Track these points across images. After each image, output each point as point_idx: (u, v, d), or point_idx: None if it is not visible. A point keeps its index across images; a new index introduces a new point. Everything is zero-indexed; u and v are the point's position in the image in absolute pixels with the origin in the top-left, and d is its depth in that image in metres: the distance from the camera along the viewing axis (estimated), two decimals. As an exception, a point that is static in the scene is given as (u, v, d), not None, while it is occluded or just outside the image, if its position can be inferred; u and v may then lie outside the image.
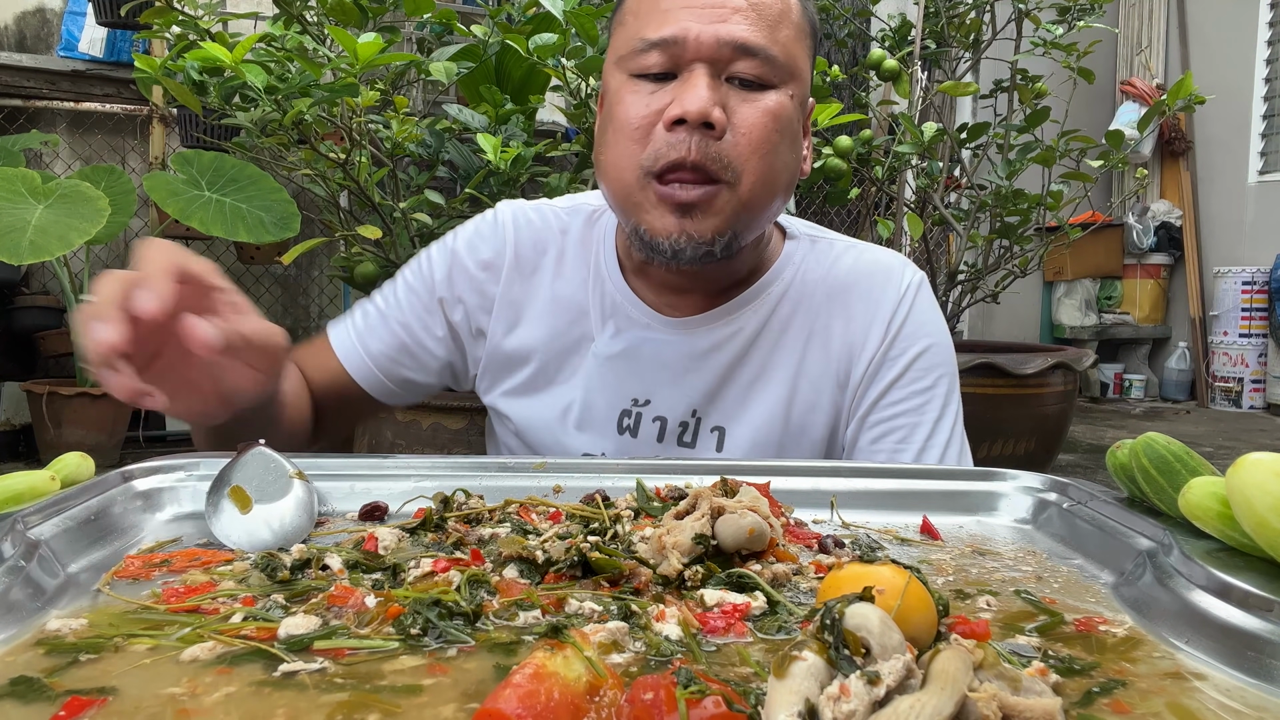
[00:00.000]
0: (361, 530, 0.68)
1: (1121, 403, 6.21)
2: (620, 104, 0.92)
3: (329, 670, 0.44)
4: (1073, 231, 3.26)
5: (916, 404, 1.01)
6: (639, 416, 1.03)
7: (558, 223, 1.09)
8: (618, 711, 0.38)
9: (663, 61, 0.89)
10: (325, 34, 2.26)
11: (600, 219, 1.08)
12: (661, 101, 0.89)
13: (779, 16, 0.91)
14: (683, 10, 0.89)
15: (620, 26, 0.96)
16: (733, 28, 0.88)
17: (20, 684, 0.42)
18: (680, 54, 0.89)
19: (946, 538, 0.71)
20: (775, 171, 0.92)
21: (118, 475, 0.73)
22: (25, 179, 3.26)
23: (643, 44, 0.90)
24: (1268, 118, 5.90)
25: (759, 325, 1.02)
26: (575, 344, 1.05)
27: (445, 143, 2.52)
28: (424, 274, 1.09)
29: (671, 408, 1.02)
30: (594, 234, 1.08)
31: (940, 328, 1.06)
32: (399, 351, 1.08)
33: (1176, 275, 6.44)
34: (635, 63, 0.91)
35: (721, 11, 0.89)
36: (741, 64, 0.89)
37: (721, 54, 0.88)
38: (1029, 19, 3.08)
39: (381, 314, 1.09)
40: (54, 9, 4.49)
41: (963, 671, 0.36)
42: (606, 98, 0.96)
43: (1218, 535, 0.57)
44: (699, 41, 0.88)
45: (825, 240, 1.09)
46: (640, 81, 0.91)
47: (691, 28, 0.88)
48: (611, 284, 1.04)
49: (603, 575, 0.57)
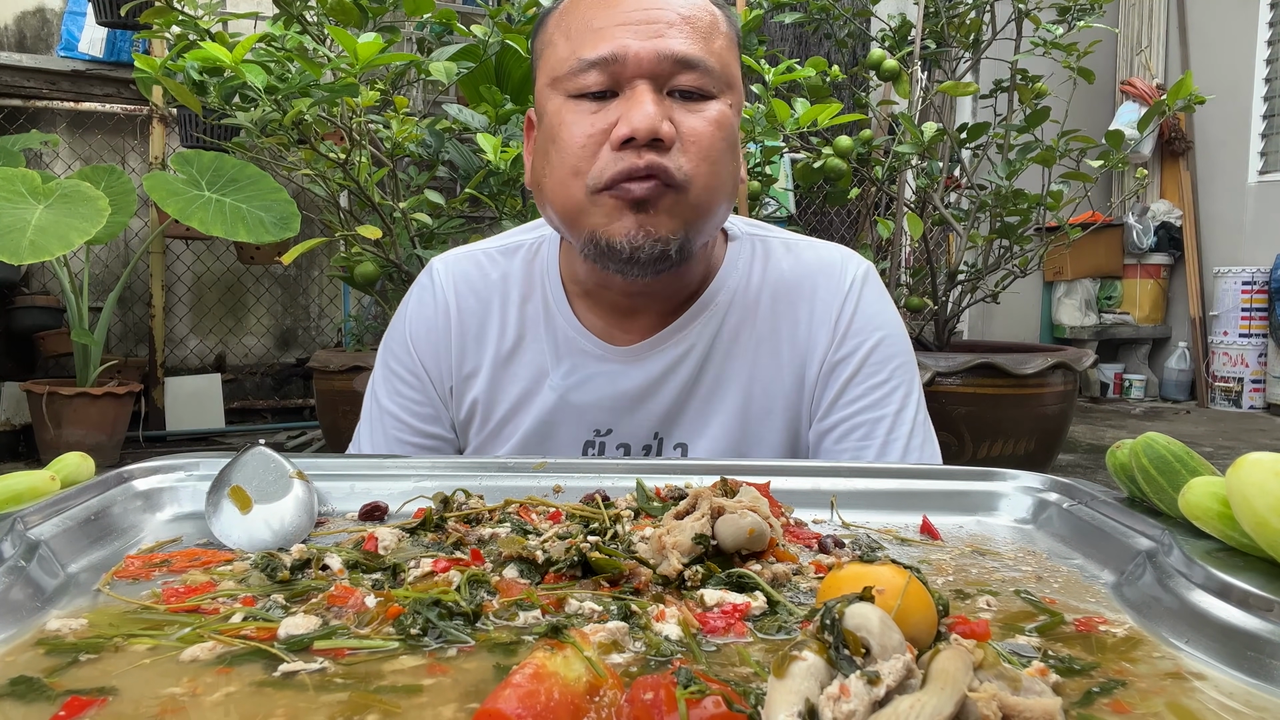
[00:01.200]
0: (361, 530, 0.68)
1: (1121, 403, 6.21)
2: (562, 125, 0.90)
3: (329, 670, 0.44)
4: (1073, 231, 3.26)
5: (875, 399, 1.01)
6: (602, 445, 1.03)
7: (495, 270, 1.08)
8: (618, 711, 0.38)
9: (602, 80, 0.89)
10: (325, 34, 2.26)
11: (540, 251, 1.07)
12: (606, 121, 0.88)
13: (710, 28, 0.92)
14: (618, 28, 0.88)
15: (549, 47, 0.94)
16: (670, 42, 0.88)
17: (20, 684, 0.42)
18: (620, 72, 0.88)
19: (946, 538, 0.71)
20: (721, 178, 0.92)
21: (118, 475, 0.73)
22: (25, 179, 3.26)
23: (580, 64, 0.89)
24: (1268, 118, 5.90)
25: (710, 339, 1.02)
26: (533, 384, 1.04)
27: (445, 143, 2.52)
28: (397, 371, 1.09)
29: (633, 433, 1.03)
30: (535, 270, 1.06)
31: (891, 317, 1.05)
32: (418, 455, 1.07)
33: (1176, 275, 6.44)
34: (573, 83, 0.90)
35: (657, 27, 0.88)
36: (682, 77, 0.89)
37: (662, 68, 0.88)
38: (1029, 19, 3.08)
39: (384, 433, 1.09)
40: (54, 9, 4.49)
41: (963, 671, 0.36)
42: (544, 120, 0.95)
43: (1218, 535, 0.57)
44: (639, 58, 0.88)
45: (767, 240, 1.08)
46: (580, 101, 0.90)
47: (630, 45, 0.87)
48: (561, 318, 1.03)
49: (603, 575, 0.57)
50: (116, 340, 4.53)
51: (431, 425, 1.08)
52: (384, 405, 1.09)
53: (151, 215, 4.32)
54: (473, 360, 1.06)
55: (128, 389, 3.80)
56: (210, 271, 4.69)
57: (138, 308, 4.55)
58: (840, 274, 1.05)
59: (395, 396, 1.09)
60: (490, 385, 1.05)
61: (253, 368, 4.85)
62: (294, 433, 4.49)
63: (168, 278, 4.53)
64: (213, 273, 4.71)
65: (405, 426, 1.08)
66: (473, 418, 1.07)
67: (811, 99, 2.72)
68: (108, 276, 4.43)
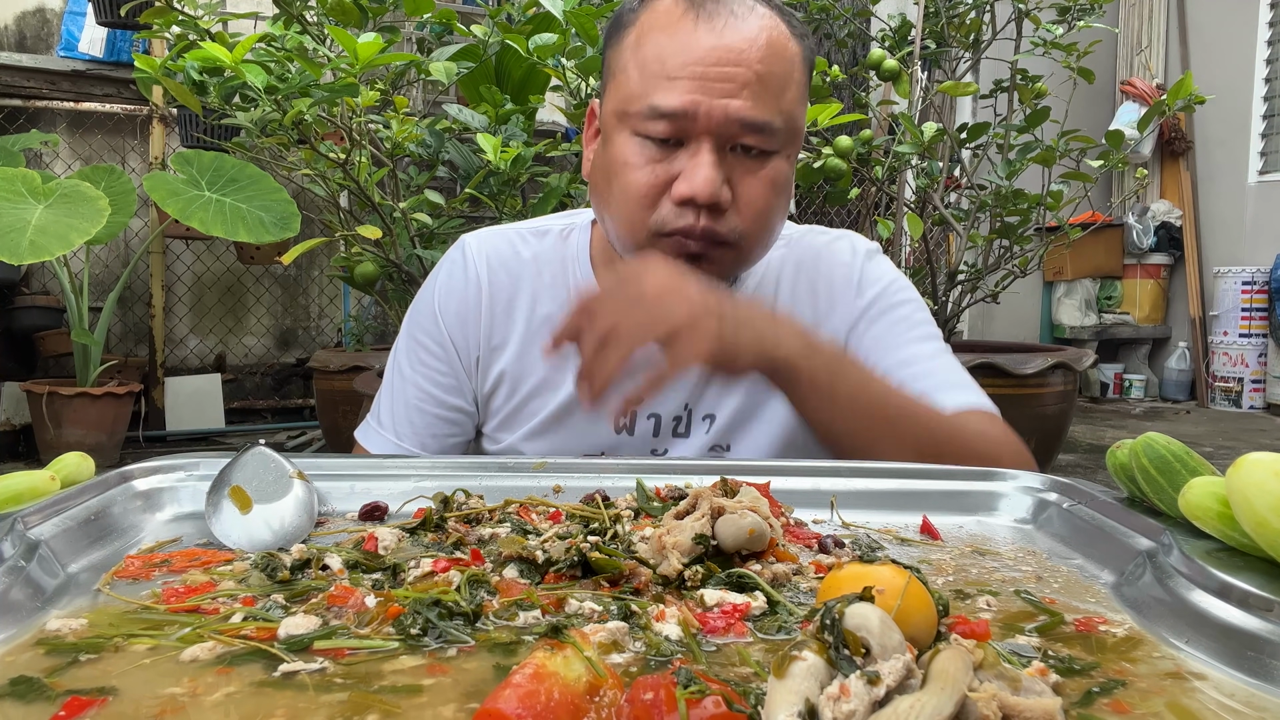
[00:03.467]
0: (361, 530, 0.68)
1: (1121, 403, 6.21)
2: (626, 165, 0.93)
3: (329, 670, 0.44)
4: (1073, 231, 3.26)
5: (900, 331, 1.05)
6: (634, 415, 1.05)
7: (527, 249, 1.10)
8: (618, 711, 0.38)
9: (669, 130, 0.90)
10: (325, 34, 2.25)
11: (571, 236, 1.10)
12: (668, 172, 0.91)
13: (784, 80, 0.92)
14: (692, 81, 0.89)
15: (622, 73, 0.95)
16: (741, 104, 0.89)
17: (20, 684, 0.42)
18: (689, 127, 0.90)
19: (946, 538, 0.71)
20: (772, 230, 0.98)
21: (118, 475, 0.73)
22: (25, 179, 3.26)
23: (650, 111, 0.90)
24: (1268, 118, 5.90)
25: None
26: (560, 364, 1.05)
27: (445, 143, 2.51)
28: (422, 341, 1.10)
29: (664, 405, 1.05)
30: (567, 252, 1.09)
31: (897, 274, 1.10)
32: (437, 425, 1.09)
33: (1176, 275, 6.44)
34: (640, 126, 0.92)
35: (730, 87, 0.89)
36: (748, 138, 0.91)
37: (729, 130, 0.90)
38: (1029, 19, 3.08)
39: (405, 402, 1.10)
40: (54, 9, 4.49)
41: (963, 671, 0.36)
42: (608, 141, 0.97)
43: (1218, 535, 0.57)
44: (709, 117, 0.89)
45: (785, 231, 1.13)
46: (645, 144, 0.92)
47: (702, 102, 0.88)
48: None
49: (602, 575, 0.57)
50: (116, 340, 4.53)
51: (454, 397, 1.09)
52: (406, 375, 1.10)
53: (151, 215, 4.32)
54: (501, 333, 1.07)
55: (128, 389, 3.80)
56: (210, 271, 4.69)
57: (138, 308, 4.56)
58: (851, 245, 1.11)
59: (419, 366, 1.09)
60: (519, 358, 1.07)
61: (253, 368, 4.85)
62: (294, 433, 4.49)
63: (168, 278, 4.53)
64: (213, 273, 4.71)
65: (427, 397, 1.09)
66: (498, 389, 1.08)
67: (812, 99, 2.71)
68: (108, 276, 4.43)
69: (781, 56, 0.92)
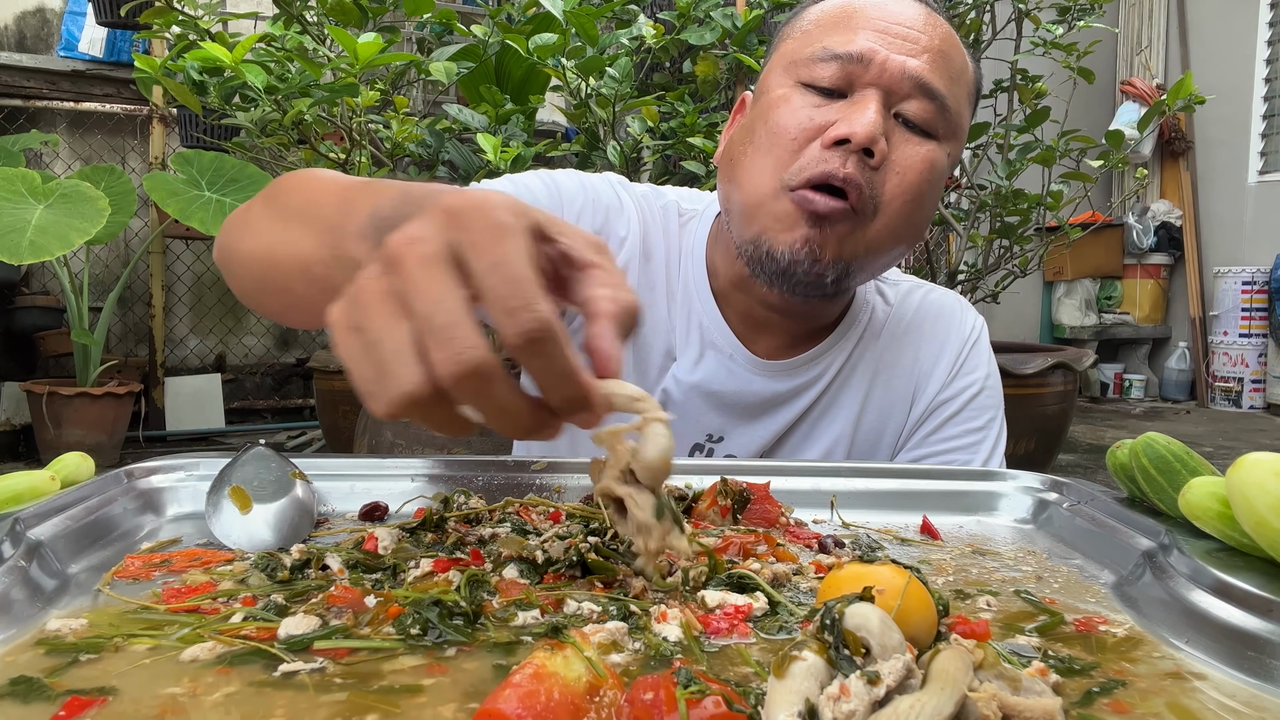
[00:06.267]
0: (361, 530, 0.68)
1: (1121, 403, 6.21)
2: (783, 109, 0.88)
3: (329, 670, 0.44)
4: (1073, 231, 3.26)
5: (969, 442, 1.01)
6: (710, 452, 1.01)
7: (662, 213, 1.04)
8: (618, 711, 0.38)
9: (838, 77, 0.86)
10: (325, 34, 2.25)
11: (690, 225, 1.04)
12: (826, 117, 0.86)
13: (959, 72, 0.90)
14: (875, 33, 0.87)
15: (799, 35, 0.92)
16: (920, 64, 0.86)
17: (20, 684, 0.42)
18: (859, 74, 0.86)
19: (946, 538, 0.71)
20: (911, 220, 0.89)
21: (118, 475, 0.73)
22: (25, 179, 3.26)
23: (825, 53, 0.87)
24: (1268, 118, 5.90)
25: (838, 370, 1.01)
26: (660, 357, 1.01)
27: (445, 143, 2.51)
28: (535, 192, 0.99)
29: (744, 446, 1.01)
30: (684, 241, 1.03)
31: (995, 371, 1.06)
32: None
33: (1176, 275, 6.44)
34: (809, 71, 0.88)
35: (912, 46, 0.86)
36: (914, 104, 0.87)
37: (900, 86, 0.86)
38: (1029, 19, 3.08)
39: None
40: (54, 9, 4.49)
41: (963, 671, 0.36)
42: (761, 99, 0.92)
43: (1218, 535, 0.57)
44: (883, 66, 0.85)
45: (891, 279, 1.08)
46: (808, 92, 0.88)
47: (880, 51, 0.86)
48: (700, 302, 1.00)
49: (598, 577, 0.57)
50: (116, 340, 4.53)
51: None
52: None
53: (151, 215, 4.32)
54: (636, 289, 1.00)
55: (128, 389, 3.80)
56: (210, 271, 4.69)
57: (138, 308, 4.55)
58: (963, 319, 1.06)
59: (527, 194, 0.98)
60: None
61: (253, 368, 4.85)
62: (294, 433, 4.49)
63: (168, 278, 4.53)
64: (213, 273, 4.70)
65: None
66: None
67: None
68: (108, 276, 4.43)
69: (959, 54, 0.91)
